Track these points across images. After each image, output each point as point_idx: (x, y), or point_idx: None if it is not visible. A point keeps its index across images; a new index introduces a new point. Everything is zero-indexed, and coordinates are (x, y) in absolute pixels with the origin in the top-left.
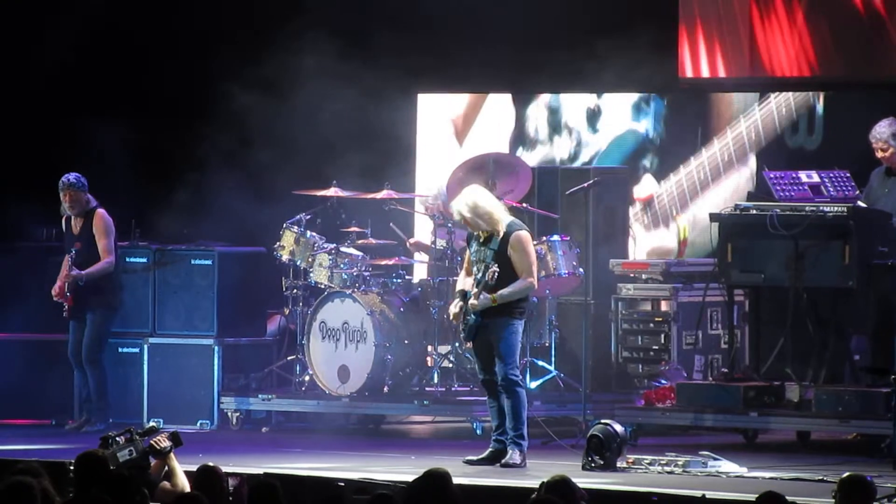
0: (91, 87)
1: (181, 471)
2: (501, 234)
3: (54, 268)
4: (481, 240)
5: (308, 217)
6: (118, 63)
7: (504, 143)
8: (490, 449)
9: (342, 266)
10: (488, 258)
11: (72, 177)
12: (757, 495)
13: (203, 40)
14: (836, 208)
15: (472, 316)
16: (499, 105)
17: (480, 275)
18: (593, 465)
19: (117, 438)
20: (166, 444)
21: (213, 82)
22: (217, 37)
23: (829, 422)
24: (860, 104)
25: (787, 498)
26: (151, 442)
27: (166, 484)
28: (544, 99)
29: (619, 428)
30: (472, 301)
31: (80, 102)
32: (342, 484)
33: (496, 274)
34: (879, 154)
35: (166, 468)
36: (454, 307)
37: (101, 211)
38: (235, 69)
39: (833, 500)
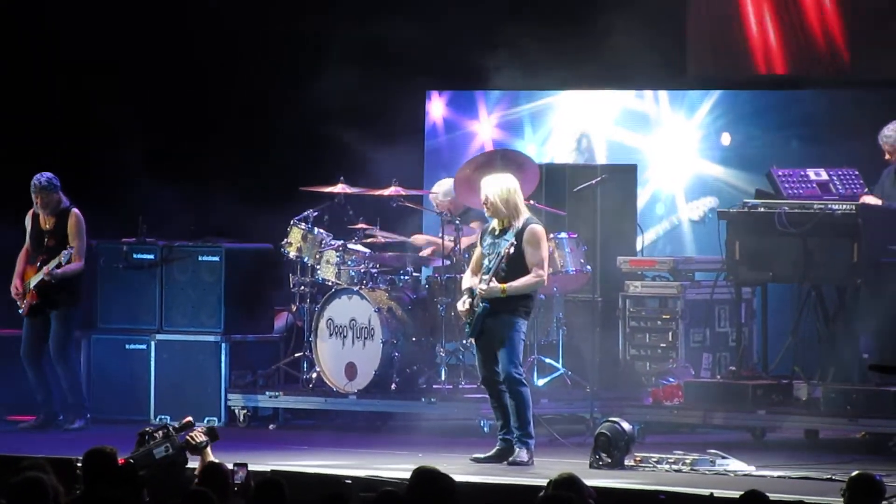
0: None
1: None
2: (518, 227)
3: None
4: (496, 233)
5: (315, 214)
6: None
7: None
8: (497, 447)
9: (350, 263)
10: (502, 250)
11: (43, 179)
12: (741, 493)
13: (213, 40)
14: (844, 206)
15: (481, 305)
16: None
17: (493, 263)
18: (601, 463)
19: (154, 434)
20: (202, 438)
21: (224, 78)
22: (231, 35)
23: (838, 420)
24: None
25: (769, 496)
26: (187, 437)
27: None
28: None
29: (626, 426)
30: (481, 286)
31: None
32: (349, 481)
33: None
34: (888, 157)
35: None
36: (462, 304)
37: (75, 211)
38: (248, 66)
39: (842, 499)
